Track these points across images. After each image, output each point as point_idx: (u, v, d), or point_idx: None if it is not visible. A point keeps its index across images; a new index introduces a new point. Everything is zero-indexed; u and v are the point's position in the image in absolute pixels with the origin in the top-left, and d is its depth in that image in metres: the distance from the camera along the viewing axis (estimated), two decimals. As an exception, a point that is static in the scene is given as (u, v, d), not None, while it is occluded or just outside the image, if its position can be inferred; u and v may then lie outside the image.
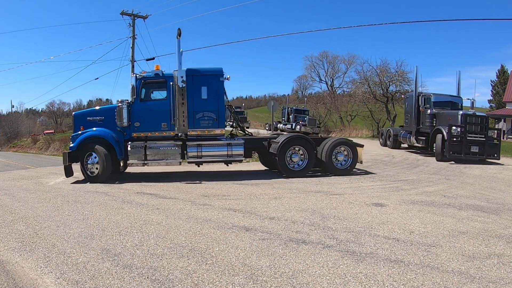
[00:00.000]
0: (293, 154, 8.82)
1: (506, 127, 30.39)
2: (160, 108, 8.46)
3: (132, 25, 21.04)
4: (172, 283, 2.90)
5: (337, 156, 9.08)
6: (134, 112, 8.42)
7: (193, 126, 8.47)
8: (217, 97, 8.52)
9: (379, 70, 31.70)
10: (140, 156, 8.31)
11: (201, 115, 8.45)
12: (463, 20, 50.36)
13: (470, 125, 12.05)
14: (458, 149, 11.86)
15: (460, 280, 2.93)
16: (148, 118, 8.46)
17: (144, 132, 8.50)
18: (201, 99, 8.43)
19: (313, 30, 42.90)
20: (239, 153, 8.68)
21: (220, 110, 8.57)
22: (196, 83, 8.42)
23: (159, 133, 8.50)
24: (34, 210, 5.56)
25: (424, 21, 70.26)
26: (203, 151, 8.48)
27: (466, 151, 11.84)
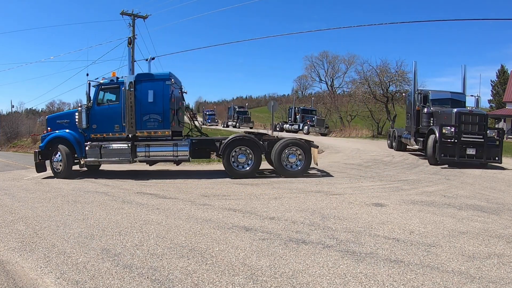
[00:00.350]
0: (240, 155, 8.84)
1: (506, 127, 30.39)
2: (114, 112, 9.08)
3: (132, 25, 21.03)
4: (172, 283, 2.90)
5: (289, 158, 8.83)
6: (92, 115, 9.19)
7: (140, 128, 8.99)
8: (162, 100, 8.96)
9: (379, 70, 31.70)
10: (97, 155, 9.05)
11: (148, 117, 8.97)
12: (463, 20, 50.36)
13: (466, 125, 10.80)
14: (451, 152, 10.65)
15: (460, 280, 2.93)
16: (103, 121, 9.17)
17: (100, 133, 9.23)
18: (148, 102, 8.92)
19: (313, 30, 43.13)
20: (185, 154, 8.97)
21: (165, 112, 8.95)
22: (144, 87, 8.96)
23: (113, 134, 9.18)
24: (34, 210, 5.56)
25: (424, 21, 70.28)
26: (151, 151, 8.99)
27: (461, 154, 10.59)
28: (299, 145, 8.83)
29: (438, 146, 10.73)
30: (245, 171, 8.78)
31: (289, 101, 50.73)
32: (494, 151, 10.72)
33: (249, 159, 8.84)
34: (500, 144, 10.86)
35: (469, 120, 10.90)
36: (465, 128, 10.77)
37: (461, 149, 10.58)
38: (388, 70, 31.65)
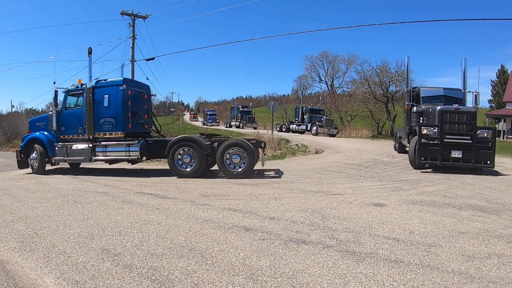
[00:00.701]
0: (185, 155, 9.13)
1: (506, 127, 30.41)
2: (78, 115, 10.02)
3: (132, 25, 21.03)
4: (172, 283, 2.90)
5: (233, 158, 8.88)
6: (61, 118, 10.20)
7: (98, 130, 9.86)
8: (116, 104, 9.70)
9: (379, 70, 31.71)
10: (64, 154, 10.06)
11: (104, 120, 9.81)
12: (463, 20, 50.35)
13: (452, 124, 9.62)
14: (432, 155, 9.50)
15: (460, 280, 2.93)
16: (70, 124, 10.17)
17: (67, 135, 10.24)
18: (103, 106, 9.74)
19: (313, 30, 42.99)
20: (135, 154, 9.61)
21: (118, 115, 9.69)
22: (101, 93, 9.79)
23: (77, 136, 10.11)
24: (34, 210, 5.56)
25: (424, 21, 70.30)
26: (107, 151, 9.75)
27: (445, 157, 9.39)
28: (242, 145, 8.86)
29: (417, 148, 9.70)
30: (188, 171, 9.06)
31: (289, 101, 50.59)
32: (484, 154, 9.35)
33: (192, 159, 9.11)
34: (493, 146, 9.41)
35: (455, 119, 9.69)
36: (450, 128, 9.59)
37: (444, 151, 9.42)
38: (388, 70, 31.66)
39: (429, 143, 9.60)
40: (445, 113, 9.67)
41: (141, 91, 10.63)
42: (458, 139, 9.45)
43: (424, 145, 9.59)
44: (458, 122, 9.60)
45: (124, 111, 9.61)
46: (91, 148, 9.70)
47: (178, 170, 9.09)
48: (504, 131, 30.41)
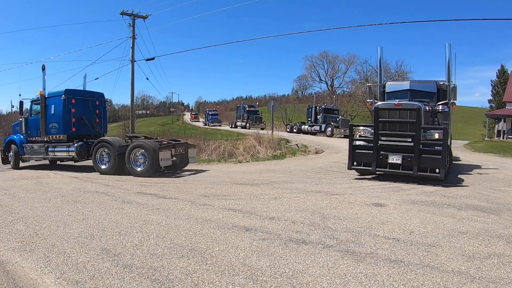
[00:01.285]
0: (105, 155, 10.34)
1: (506, 127, 30.40)
2: (37, 121, 11.72)
3: (132, 25, 21.02)
4: (172, 283, 2.90)
5: (139, 158, 9.72)
6: (27, 123, 12.18)
7: (48, 133, 11.51)
8: (58, 112, 11.30)
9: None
10: (29, 153, 12.00)
11: (51, 125, 11.47)
12: (463, 20, 50.34)
13: (391, 124, 7.99)
14: (367, 159, 8.17)
15: (460, 280, 2.93)
16: (32, 128, 12.03)
17: (32, 137, 12.10)
18: (51, 114, 11.42)
19: (313, 30, 43.03)
20: (73, 153, 10.99)
21: (59, 121, 11.29)
22: (50, 102, 11.45)
23: (37, 138, 11.88)
24: (34, 210, 5.56)
25: (424, 21, 70.31)
26: (55, 150, 11.33)
27: (381, 163, 7.95)
28: (144, 147, 9.65)
29: (349, 151, 8.49)
30: (105, 169, 10.26)
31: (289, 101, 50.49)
32: (431, 160, 7.47)
33: (110, 158, 10.21)
34: (443, 150, 7.34)
35: (396, 116, 7.97)
36: (390, 128, 8.01)
37: (380, 156, 7.96)
38: (388, 70, 31.71)
39: (362, 146, 8.39)
40: (381, 110, 8.14)
41: (89, 98, 11.98)
42: (396, 141, 7.94)
43: (355, 148, 8.39)
44: (401, 121, 7.87)
45: (64, 117, 11.17)
46: (45, 148, 11.41)
47: (98, 167, 10.39)
48: (504, 131, 30.39)
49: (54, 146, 11.25)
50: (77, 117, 11.35)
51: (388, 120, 8.03)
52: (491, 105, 44.71)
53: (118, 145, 9.99)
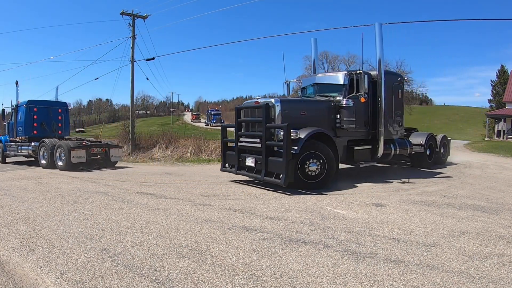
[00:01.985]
0: (45, 153, 12.34)
1: (506, 127, 30.40)
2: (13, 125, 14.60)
3: (132, 25, 21.00)
4: (172, 283, 2.90)
5: (61, 156, 11.70)
6: (9, 126, 15.12)
7: (17, 135, 14.25)
8: (22, 117, 13.83)
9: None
10: (10, 150, 14.52)
11: (18, 129, 14.18)
12: (463, 20, 50.23)
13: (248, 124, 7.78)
14: (233, 161, 7.99)
15: (460, 280, 2.93)
16: (11, 130, 14.81)
17: (12, 138, 14.67)
18: (19, 119, 14.08)
19: (313, 30, 42.77)
20: (31, 151, 13.10)
21: (23, 125, 13.79)
22: (19, 110, 14.15)
23: (14, 139, 14.49)
24: (34, 210, 5.56)
25: (424, 21, 70.15)
26: (21, 149, 13.71)
27: (241, 164, 7.70)
28: (62, 146, 11.63)
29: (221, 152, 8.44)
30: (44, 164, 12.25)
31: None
32: (276, 163, 6.74)
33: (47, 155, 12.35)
34: (284, 151, 6.49)
35: (255, 115, 7.53)
36: (248, 128, 7.80)
37: (240, 158, 7.73)
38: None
39: (230, 147, 8.26)
40: (241, 109, 7.97)
41: (51, 107, 14.27)
42: (249, 142, 7.59)
43: (226, 149, 8.36)
44: (257, 120, 7.41)
45: (26, 122, 13.54)
46: (16, 146, 13.91)
47: (40, 162, 12.45)
48: (504, 131, 30.39)
49: (21, 145, 13.67)
50: (38, 122, 13.70)
51: (244, 120, 7.83)
52: (491, 105, 44.71)
53: (51, 145, 11.96)
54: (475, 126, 44.77)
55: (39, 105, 13.83)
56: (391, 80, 8.84)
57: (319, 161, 7.00)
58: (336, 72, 9.28)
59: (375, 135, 8.53)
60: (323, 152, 7.06)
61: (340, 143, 7.87)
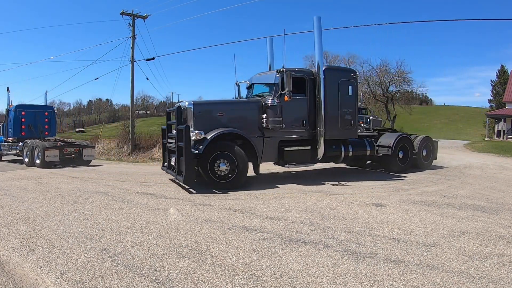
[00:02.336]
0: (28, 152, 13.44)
1: (506, 127, 30.40)
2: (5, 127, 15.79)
3: (132, 25, 21.00)
4: (172, 283, 2.90)
5: (38, 155, 12.63)
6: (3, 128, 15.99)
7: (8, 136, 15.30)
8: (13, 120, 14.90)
9: (379, 70, 31.77)
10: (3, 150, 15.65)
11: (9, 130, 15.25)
12: (463, 20, 50.18)
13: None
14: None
15: (460, 280, 2.93)
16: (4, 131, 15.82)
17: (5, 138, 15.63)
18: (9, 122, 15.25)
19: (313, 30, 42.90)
20: (17, 152, 14.35)
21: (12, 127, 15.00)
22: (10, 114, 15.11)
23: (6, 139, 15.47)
24: (34, 210, 5.56)
25: (424, 21, 70.16)
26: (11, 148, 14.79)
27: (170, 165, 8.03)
28: (38, 146, 12.51)
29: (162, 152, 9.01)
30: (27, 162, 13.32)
31: None
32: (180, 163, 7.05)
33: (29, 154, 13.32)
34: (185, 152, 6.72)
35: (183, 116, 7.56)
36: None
37: (168, 158, 8.19)
38: (388, 70, 31.70)
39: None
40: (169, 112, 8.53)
41: (38, 111, 15.49)
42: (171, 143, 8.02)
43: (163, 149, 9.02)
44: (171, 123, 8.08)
45: (15, 125, 14.70)
46: (8, 146, 14.96)
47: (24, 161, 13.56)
48: (504, 131, 30.39)
49: (11, 145, 14.81)
50: (26, 124, 14.88)
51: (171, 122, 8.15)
52: (491, 105, 44.70)
53: (31, 145, 12.98)
54: (475, 126, 44.78)
55: (27, 109, 15.19)
56: (336, 77, 8.37)
57: (229, 162, 7.08)
58: (272, 71, 8.63)
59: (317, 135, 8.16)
60: (233, 152, 7.10)
61: (269, 143, 7.77)
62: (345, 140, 8.81)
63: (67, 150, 13.12)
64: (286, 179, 8.65)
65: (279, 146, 7.87)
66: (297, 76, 7.91)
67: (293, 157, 7.91)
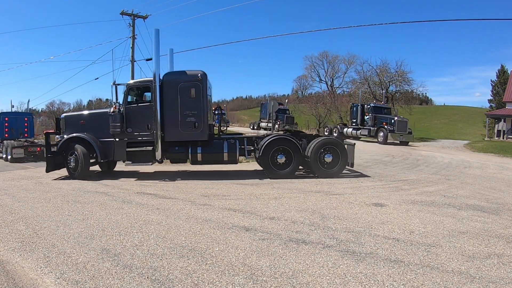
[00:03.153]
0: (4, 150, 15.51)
1: (506, 127, 30.39)
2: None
3: (132, 25, 21.01)
4: (172, 283, 2.90)
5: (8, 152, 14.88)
6: None
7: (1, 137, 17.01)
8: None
9: (379, 70, 31.77)
10: None
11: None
12: (463, 20, 50.26)
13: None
14: None
15: (460, 280, 2.93)
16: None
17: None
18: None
19: (313, 30, 42.77)
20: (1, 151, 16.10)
21: None
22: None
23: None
24: (34, 210, 5.56)
25: (424, 21, 70.21)
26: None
27: None
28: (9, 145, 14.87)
29: None
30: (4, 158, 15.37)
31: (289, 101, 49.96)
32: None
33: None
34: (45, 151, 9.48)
35: None
36: None
37: None
38: (388, 70, 31.69)
39: None
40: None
41: (18, 117, 17.89)
42: None
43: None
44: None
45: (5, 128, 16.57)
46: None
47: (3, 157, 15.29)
48: (504, 131, 30.38)
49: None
50: (9, 128, 16.91)
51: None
52: (491, 105, 44.68)
53: (6, 145, 15.23)
54: (475, 126, 44.76)
55: (10, 115, 17.95)
56: (175, 82, 8.77)
57: (75, 158, 9.02)
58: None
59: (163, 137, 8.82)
60: (77, 151, 9.01)
61: (119, 145, 9.05)
62: (195, 142, 8.98)
63: (31, 149, 15.73)
64: (286, 179, 8.64)
65: (127, 147, 9.04)
66: (143, 86, 9.17)
67: (136, 157, 8.99)
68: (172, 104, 8.68)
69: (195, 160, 8.98)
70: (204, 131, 8.82)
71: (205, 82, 8.78)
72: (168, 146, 8.88)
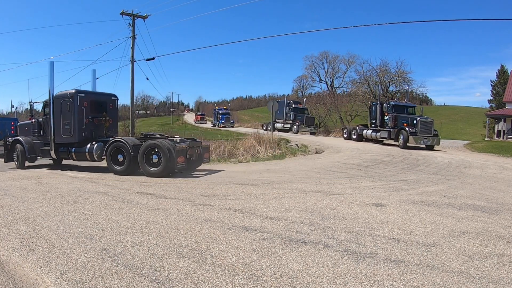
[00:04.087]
0: None
1: (506, 127, 30.40)
2: None
3: (132, 25, 21.01)
4: (172, 283, 2.90)
5: None
6: None
7: None
8: None
9: (379, 70, 31.77)
10: None
11: None
12: (463, 20, 50.27)
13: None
14: None
15: (460, 280, 2.93)
16: None
17: None
18: None
19: (313, 30, 42.42)
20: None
21: None
22: None
23: None
24: (34, 210, 5.56)
25: (424, 21, 70.21)
26: None
27: None
28: None
29: None
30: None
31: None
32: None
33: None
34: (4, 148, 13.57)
35: None
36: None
37: None
38: (388, 70, 31.72)
39: None
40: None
41: (7, 121, 20.40)
42: None
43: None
44: None
45: None
46: None
47: None
48: (504, 131, 30.38)
49: None
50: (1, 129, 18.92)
51: None
52: (491, 105, 44.72)
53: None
54: (475, 126, 44.81)
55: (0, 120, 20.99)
56: (59, 101, 11.39)
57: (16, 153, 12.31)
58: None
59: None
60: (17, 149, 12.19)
61: (39, 145, 12.07)
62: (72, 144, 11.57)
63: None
64: (286, 179, 8.65)
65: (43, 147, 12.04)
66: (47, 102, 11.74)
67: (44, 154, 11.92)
68: (58, 116, 11.43)
69: (71, 157, 11.57)
70: (74, 136, 11.29)
71: (76, 99, 11.21)
72: (58, 147, 11.65)
